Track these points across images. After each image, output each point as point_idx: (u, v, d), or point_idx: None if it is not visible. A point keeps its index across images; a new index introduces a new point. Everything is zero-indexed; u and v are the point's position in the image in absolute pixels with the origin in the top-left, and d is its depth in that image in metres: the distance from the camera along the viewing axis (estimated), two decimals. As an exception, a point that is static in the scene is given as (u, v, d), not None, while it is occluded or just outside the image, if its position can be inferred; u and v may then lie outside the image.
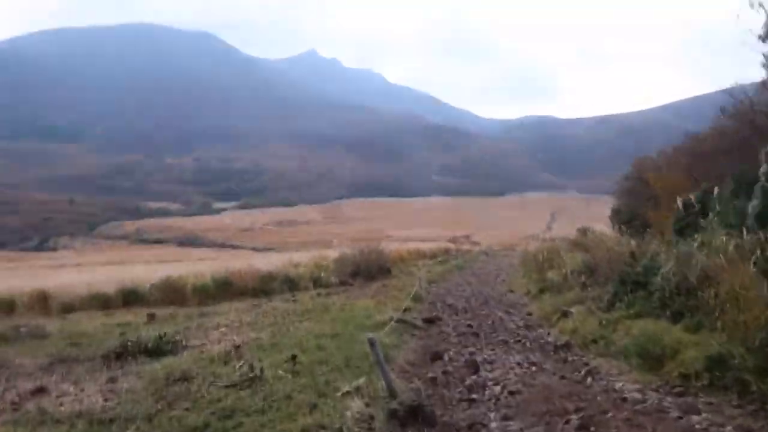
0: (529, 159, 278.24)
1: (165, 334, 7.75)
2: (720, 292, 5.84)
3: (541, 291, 12.43)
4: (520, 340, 7.94)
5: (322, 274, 20.28)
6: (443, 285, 16.54)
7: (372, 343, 4.97)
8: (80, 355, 7.70)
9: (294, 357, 6.25)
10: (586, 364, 6.32)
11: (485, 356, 7.00)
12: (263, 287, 18.95)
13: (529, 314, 10.25)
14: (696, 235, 10.09)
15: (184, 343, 7.81)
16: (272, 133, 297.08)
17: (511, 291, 14.39)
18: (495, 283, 17.05)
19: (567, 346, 7.22)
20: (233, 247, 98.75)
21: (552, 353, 7.10)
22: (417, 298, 12.24)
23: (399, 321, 8.72)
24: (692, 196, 12.30)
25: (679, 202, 13.08)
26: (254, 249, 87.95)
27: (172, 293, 17.55)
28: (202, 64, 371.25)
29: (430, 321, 9.42)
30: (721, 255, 6.43)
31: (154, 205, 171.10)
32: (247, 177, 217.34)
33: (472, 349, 7.44)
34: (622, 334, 6.66)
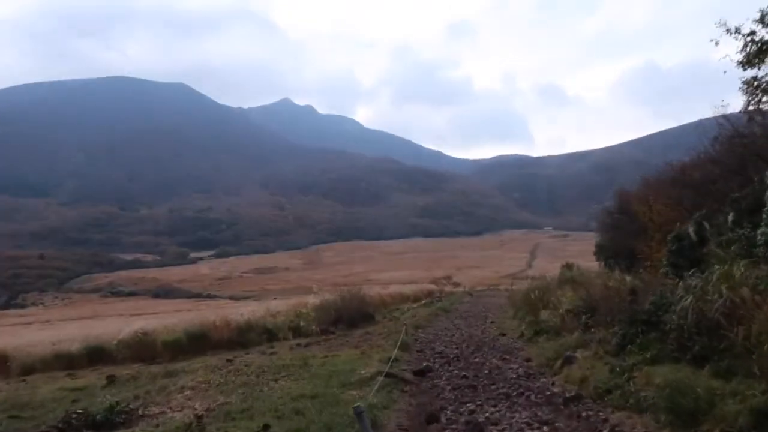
0: (505, 198, 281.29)
1: (117, 403, 6.73)
2: (751, 330, 5.14)
3: (537, 333, 11.63)
4: (523, 393, 7.09)
5: (302, 323, 19.21)
6: (430, 330, 15.63)
7: (359, 413, 4.11)
8: (19, 430, 6.64)
9: (266, 427, 5.33)
10: (605, 421, 5.50)
11: (487, 414, 6.15)
12: (240, 339, 17.81)
13: (528, 360, 9.41)
14: (698, 268, 9.48)
15: (140, 411, 6.79)
16: (248, 181, 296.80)
17: (503, 334, 13.55)
18: (484, 326, 16.19)
19: (578, 398, 6.40)
20: (210, 296, 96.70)
21: (562, 407, 6.27)
22: (404, 347, 11.33)
23: (387, 375, 7.82)
24: (689, 227, 11.78)
25: (673, 234, 12.55)
26: (232, 298, 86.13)
27: (141, 349, 16.42)
28: (177, 115, 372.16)
29: (420, 373, 8.52)
30: (745, 288, 5.74)
31: (127, 257, 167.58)
32: (223, 225, 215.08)
33: (471, 405, 6.58)
34: (641, 382, 5.86)
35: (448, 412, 6.35)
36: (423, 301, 27.98)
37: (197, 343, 17.25)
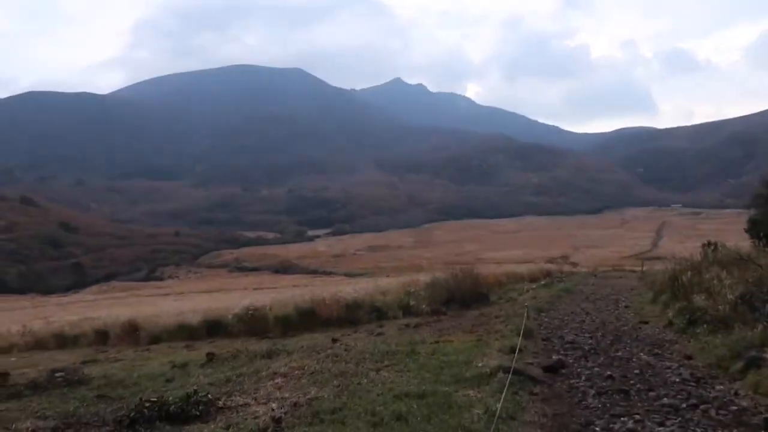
0: (627, 173, 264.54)
1: (195, 392, 5.86)
2: None
3: (692, 323, 9.53)
4: (696, 405, 5.32)
5: (411, 302, 18.14)
6: (554, 314, 13.81)
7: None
8: (97, 415, 6.00)
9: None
10: None
11: (655, 436, 4.54)
12: (348, 316, 17.29)
13: (688, 358, 7.48)
14: None
15: (221, 402, 5.89)
16: (361, 161, 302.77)
17: (645, 322, 11.47)
18: (618, 311, 14.08)
19: (788, 420, 4.58)
20: (326, 273, 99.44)
21: (764, 432, 4.51)
22: (527, 333, 9.75)
23: (512, 371, 6.35)
24: None
25: None
26: (346, 274, 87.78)
27: (253, 324, 16.44)
28: (294, 99, 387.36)
29: (552, 369, 6.94)
30: None
31: (251, 234, 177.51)
32: (339, 205, 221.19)
33: (627, 421, 4.95)
34: None
35: (597, 428, 4.79)
36: (542, 282, 25.84)
37: (307, 319, 17.19)
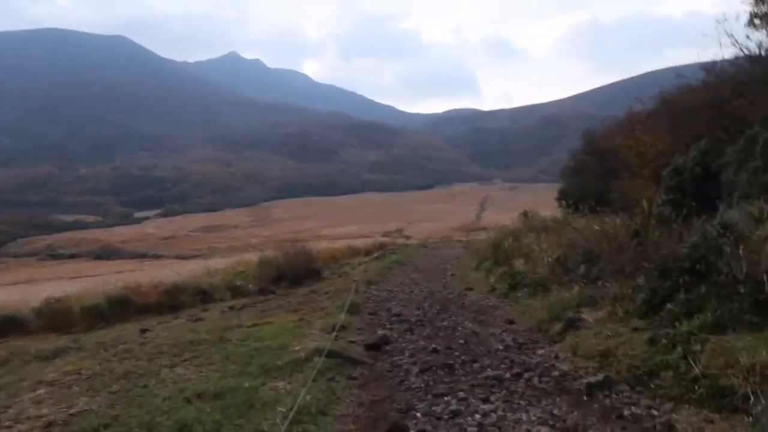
0: (456, 152, 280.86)
1: None
2: None
3: (513, 287, 9.65)
4: (520, 374, 4.99)
5: (238, 283, 16.91)
6: (384, 286, 13.52)
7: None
8: None
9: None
10: (670, 427, 3.46)
11: (479, 416, 4.05)
12: (170, 302, 15.56)
13: (510, 323, 7.37)
14: (707, 204, 7.64)
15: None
16: (194, 137, 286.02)
17: (470, 289, 11.54)
18: (445, 280, 14.19)
19: (606, 384, 4.34)
20: (156, 256, 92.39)
21: (587, 400, 4.23)
22: (353, 309, 9.17)
23: (329, 354, 5.60)
24: (690, 157, 9.89)
25: (671, 167, 10.66)
26: (178, 257, 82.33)
27: (56, 318, 14.28)
28: (117, 70, 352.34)
29: (375, 347, 6.32)
30: None
31: (67, 218, 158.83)
32: (169, 184, 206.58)
33: (451, 400, 4.45)
34: (717, 363, 3.82)
35: (419, 414, 4.20)
36: (375, 255, 25.88)
37: (120, 308, 15.17)
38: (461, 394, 4.54)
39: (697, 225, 6.22)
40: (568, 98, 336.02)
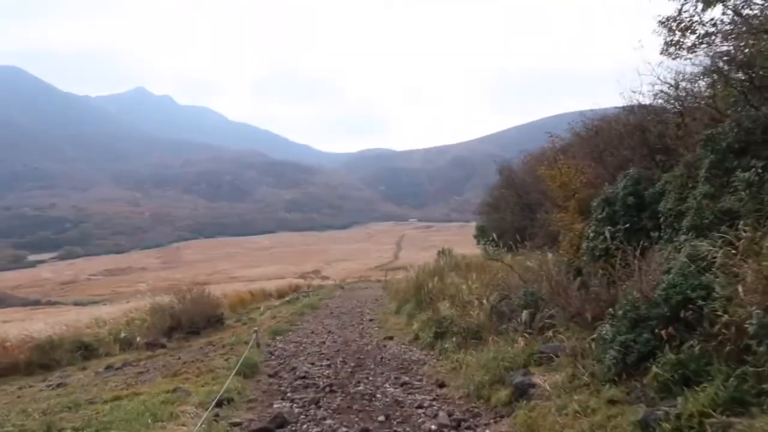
0: (371, 191, 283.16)
1: None
2: None
3: (439, 337, 8.30)
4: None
5: (122, 335, 14.59)
6: (293, 336, 11.81)
7: None
8: None
9: None
10: None
11: None
12: (43, 360, 13.13)
13: (441, 385, 5.97)
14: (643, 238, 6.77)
15: None
16: (97, 175, 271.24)
17: (390, 338, 10.11)
18: (362, 326, 12.68)
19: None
20: (51, 303, 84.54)
21: None
22: (250, 369, 7.47)
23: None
24: (620, 187, 9.11)
25: (600, 197, 9.84)
26: (77, 304, 75.70)
27: None
28: (11, 102, 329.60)
29: (266, 432, 4.70)
30: None
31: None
32: (68, 224, 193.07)
33: None
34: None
35: None
36: (288, 298, 24.00)
37: None
38: None
39: (657, 258, 5.18)
40: (475, 140, 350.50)
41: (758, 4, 7.65)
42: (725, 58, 7.62)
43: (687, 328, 3.83)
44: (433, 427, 4.60)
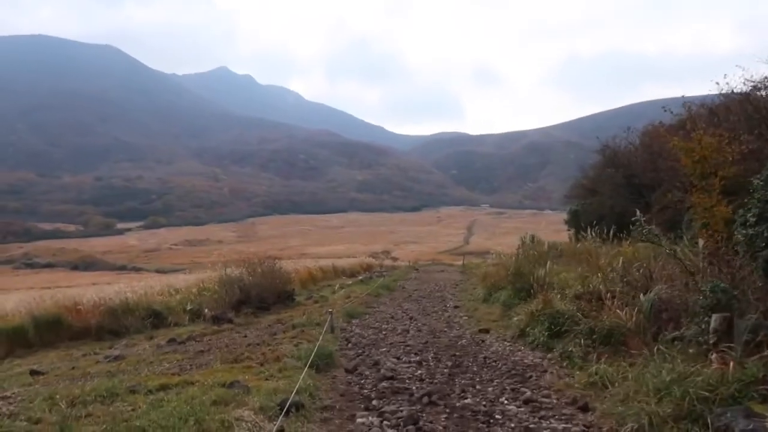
0: (443, 174, 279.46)
1: None
2: None
3: (555, 335, 6.64)
4: None
5: (189, 306, 13.82)
6: (370, 319, 10.47)
7: None
8: None
9: None
10: None
11: None
12: (113, 325, 12.64)
13: (583, 409, 4.35)
14: None
15: None
16: (181, 150, 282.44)
17: (485, 331, 8.52)
18: (448, 313, 11.17)
19: None
20: (136, 269, 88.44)
21: None
22: (324, 361, 6.12)
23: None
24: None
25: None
26: (159, 271, 78.73)
27: None
28: (105, 79, 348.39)
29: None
30: None
31: (47, 226, 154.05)
32: (154, 196, 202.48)
33: None
34: None
35: None
36: (360, 277, 22.81)
37: (50, 332, 12.27)
38: None
39: None
40: (552, 126, 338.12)
41: None
42: None
43: None
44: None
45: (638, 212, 7.60)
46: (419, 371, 5.91)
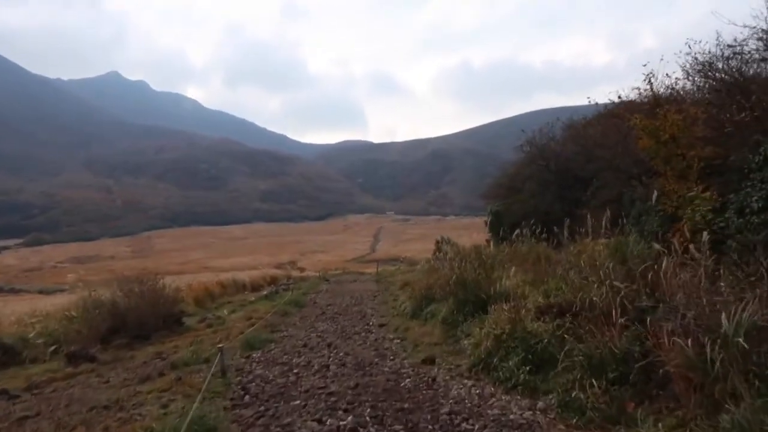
0: (349, 183, 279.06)
1: None
2: None
3: (537, 369, 4.72)
4: None
5: (39, 340, 10.81)
6: (276, 351, 8.13)
7: None
8: None
9: None
10: None
11: None
12: None
13: None
14: None
15: None
16: (68, 160, 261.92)
17: (429, 361, 6.49)
18: (374, 335, 9.03)
19: None
20: (14, 291, 79.34)
21: None
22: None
23: None
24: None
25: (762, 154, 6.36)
26: (42, 292, 70.88)
27: None
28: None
29: None
30: None
31: None
32: (36, 210, 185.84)
33: None
34: None
35: None
36: (266, 292, 20.16)
37: None
38: None
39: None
40: (452, 135, 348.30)
41: None
42: None
43: None
44: None
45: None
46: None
